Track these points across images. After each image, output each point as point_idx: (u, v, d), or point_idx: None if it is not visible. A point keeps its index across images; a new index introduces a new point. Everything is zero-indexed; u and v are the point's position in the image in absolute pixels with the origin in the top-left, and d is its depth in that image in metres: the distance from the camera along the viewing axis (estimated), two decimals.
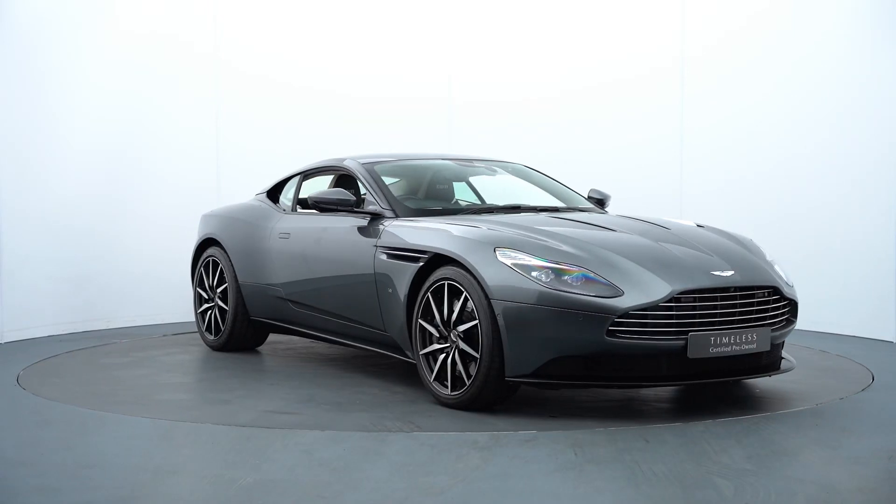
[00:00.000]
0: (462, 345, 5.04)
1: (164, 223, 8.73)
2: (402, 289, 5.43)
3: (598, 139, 9.28)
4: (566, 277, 4.84)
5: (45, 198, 7.87)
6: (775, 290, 5.20)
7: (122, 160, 8.50)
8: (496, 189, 6.75)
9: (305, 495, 3.66)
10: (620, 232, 5.43)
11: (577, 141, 9.31)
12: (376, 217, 5.92)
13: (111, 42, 8.41)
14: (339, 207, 6.08)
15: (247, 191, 8.97)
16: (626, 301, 4.77)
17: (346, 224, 6.08)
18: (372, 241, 5.76)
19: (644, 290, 4.82)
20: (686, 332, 4.80)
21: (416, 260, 5.38)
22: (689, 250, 5.23)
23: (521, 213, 6.04)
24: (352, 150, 7.53)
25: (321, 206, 6.11)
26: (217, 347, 7.18)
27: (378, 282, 5.64)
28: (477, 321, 4.93)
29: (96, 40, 8.31)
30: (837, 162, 7.93)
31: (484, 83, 9.68)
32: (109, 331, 8.14)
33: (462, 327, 5.03)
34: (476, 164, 6.87)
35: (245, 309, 7.00)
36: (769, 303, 5.16)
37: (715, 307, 4.93)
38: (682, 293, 4.83)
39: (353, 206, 6.05)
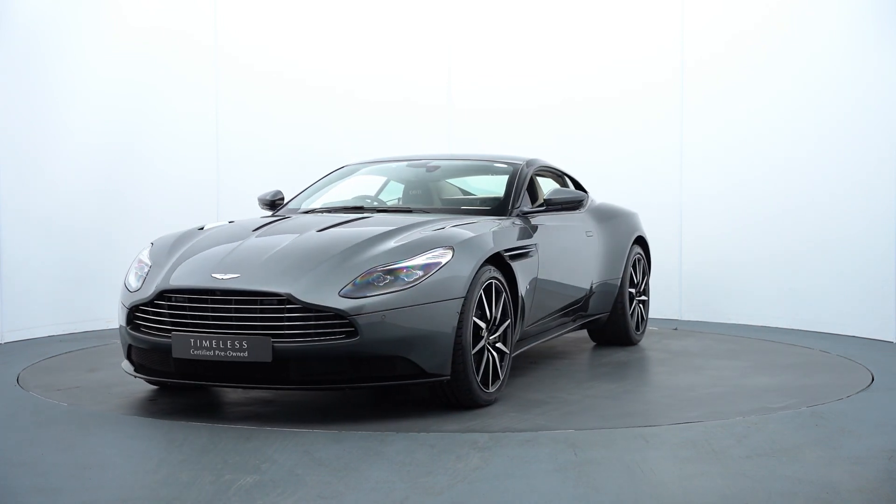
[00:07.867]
0: None
1: (164, 222, 8.70)
2: None
3: (598, 147, 9.23)
4: (139, 274, 5.28)
5: (45, 196, 7.87)
6: (289, 300, 4.70)
7: (122, 155, 8.50)
8: (425, 191, 6.67)
9: (305, 495, 3.66)
10: (260, 229, 5.48)
11: (578, 148, 9.27)
12: None
13: (112, 34, 8.42)
14: (263, 206, 6.55)
15: (246, 188, 8.97)
16: (136, 296, 5.10)
17: None
18: None
19: (151, 286, 5.04)
20: (171, 332, 4.87)
21: None
22: (242, 254, 5.06)
23: (337, 213, 5.98)
24: (351, 148, 7.52)
25: (260, 202, 6.58)
26: None
27: None
28: None
29: (98, 32, 8.31)
30: (838, 164, 7.92)
31: (483, 89, 9.62)
32: (109, 331, 8.13)
33: None
34: (432, 163, 6.83)
35: None
36: (282, 311, 4.71)
37: (204, 309, 4.82)
38: (170, 291, 4.92)
39: (270, 205, 6.49)
